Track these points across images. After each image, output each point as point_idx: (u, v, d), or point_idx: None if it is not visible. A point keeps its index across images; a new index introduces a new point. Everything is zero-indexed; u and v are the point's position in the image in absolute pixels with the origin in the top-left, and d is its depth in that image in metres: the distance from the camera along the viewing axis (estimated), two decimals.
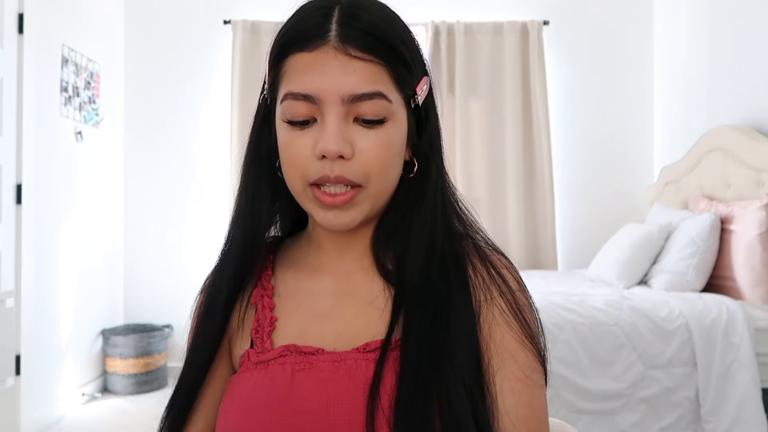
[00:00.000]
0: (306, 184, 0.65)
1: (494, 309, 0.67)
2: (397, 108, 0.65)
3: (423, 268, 0.67)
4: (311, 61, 0.62)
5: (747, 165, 2.68)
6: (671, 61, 3.62)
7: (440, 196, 0.70)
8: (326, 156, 0.62)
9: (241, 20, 3.56)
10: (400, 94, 0.65)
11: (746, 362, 2.06)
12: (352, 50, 0.61)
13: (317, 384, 0.64)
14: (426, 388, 0.60)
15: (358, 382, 0.63)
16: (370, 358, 0.64)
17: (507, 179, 3.63)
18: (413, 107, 0.67)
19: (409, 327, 0.64)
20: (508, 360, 0.65)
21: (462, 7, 3.71)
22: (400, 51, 0.64)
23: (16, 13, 2.58)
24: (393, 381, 0.62)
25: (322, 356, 0.66)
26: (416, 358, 0.62)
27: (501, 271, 0.70)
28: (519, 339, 0.66)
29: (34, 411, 2.67)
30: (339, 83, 0.61)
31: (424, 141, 0.69)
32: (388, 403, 0.60)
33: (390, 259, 0.70)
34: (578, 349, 2.06)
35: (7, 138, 2.51)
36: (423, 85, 0.67)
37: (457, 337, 0.64)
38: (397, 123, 0.65)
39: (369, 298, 0.69)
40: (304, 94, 0.62)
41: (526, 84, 3.67)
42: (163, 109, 3.67)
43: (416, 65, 0.67)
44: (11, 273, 2.53)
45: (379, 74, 0.63)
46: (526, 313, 0.68)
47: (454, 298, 0.66)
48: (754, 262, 2.36)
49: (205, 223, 3.56)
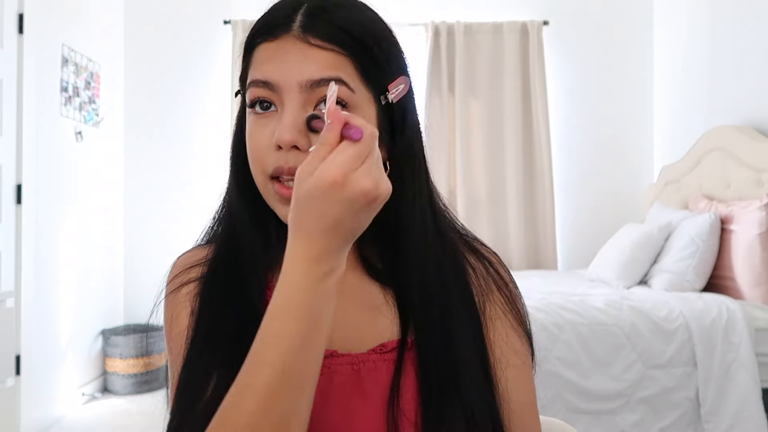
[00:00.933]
0: (266, 177, 0.62)
1: (495, 304, 0.70)
2: (361, 100, 0.62)
3: (421, 269, 0.66)
4: (273, 50, 0.62)
5: (747, 165, 2.68)
6: (671, 61, 3.62)
7: (426, 197, 0.69)
8: (281, 146, 0.60)
9: (241, 20, 3.56)
10: (367, 88, 0.63)
11: (746, 362, 2.06)
12: (312, 39, 0.61)
13: (339, 388, 0.64)
14: (449, 391, 0.62)
15: (382, 384, 0.64)
16: (389, 359, 0.65)
17: (507, 179, 3.63)
18: (384, 105, 0.64)
19: (423, 328, 0.65)
20: (510, 352, 0.68)
21: (462, 7, 3.71)
22: (366, 43, 0.62)
23: (16, 13, 2.58)
24: (413, 383, 0.63)
25: (339, 359, 0.65)
26: (434, 359, 0.63)
27: (495, 266, 0.73)
28: (517, 330, 0.70)
29: (34, 411, 2.67)
30: (297, 69, 0.60)
31: (402, 143, 0.67)
32: (412, 405, 0.62)
33: (375, 256, 0.70)
34: (578, 349, 2.06)
35: (7, 138, 2.51)
36: (399, 84, 0.64)
37: (467, 336, 0.66)
38: (362, 116, 0.60)
39: (366, 298, 0.69)
40: (264, 81, 0.61)
41: (526, 84, 3.67)
42: (163, 109, 3.67)
43: (390, 62, 0.65)
44: (11, 273, 2.53)
45: (341, 62, 0.61)
46: (518, 302, 0.72)
47: (458, 297, 0.67)
48: (754, 262, 2.36)
49: (205, 223, 3.55)
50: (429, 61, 3.61)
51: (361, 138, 0.51)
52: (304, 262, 0.52)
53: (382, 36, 0.65)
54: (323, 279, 0.52)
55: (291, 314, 0.52)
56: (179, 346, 0.66)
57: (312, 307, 0.52)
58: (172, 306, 0.70)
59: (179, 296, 0.70)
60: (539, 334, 2.01)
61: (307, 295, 0.52)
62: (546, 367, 2.04)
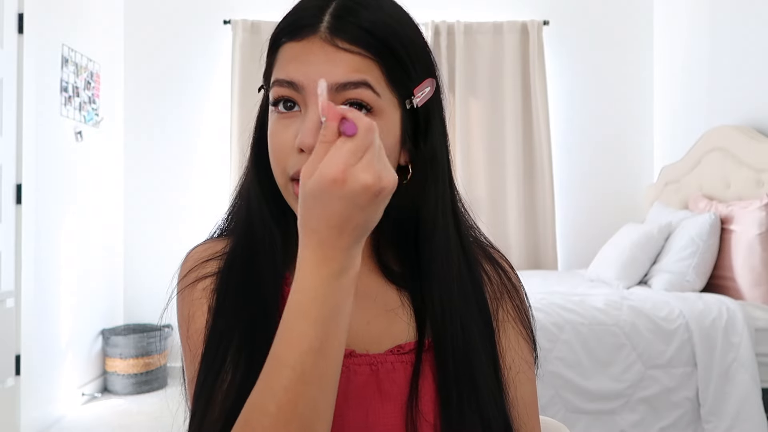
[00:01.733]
0: (287, 178, 0.62)
1: (507, 310, 0.71)
2: (386, 105, 0.62)
3: (443, 275, 0.66)
4: (299, 51, 0.61)
5: (747, 165, 2.68)
6: (671, 61, 3.62)
7: (449, 204, 0.69)
8: (303, 149, 0.59)
9: (241, 20, 3.56)
10: (393, 93, 0.62)
11: (746, 362, 2.06)
12: (339, 42, 0.60)
13: (358, 388, 0.64)
14: (467, 394, 0.63)
15: (400, 385, 0.64)
16: (406, 360, 0.66)
17: (507, 179, 3.63)
18: (409, 109, 0.64)
19: (442, 331, 0.65)
20: (517, 356, 0.70)
21: (462, 7, 3.71)
22: (393, 47, 0.62)
23: (16, 13, 2.58)
24: (431, 385, 0.64)
25: (357, 359, 0.65)
26: (453, 362, 0.64)
27: (507, 272, 0.74)
28: (524, 335, 0.72)
29: (34, 411, 2.67)
30: (323, 72, 0.59)
31: (425, 148, 0.66)
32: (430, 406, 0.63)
33: (392, 259, 0.70)
34: (578, 349, 2.06)
35: (7, 138, 2.51)
36: (425, 87, 0.64)
37: (482, 341, 0.66)
38: (386, 121, 0.62)
39: (382, 300, 0.69)
40: (288, 81, 0.61)
41: (526, 84, 3.67)
42: (163, 109, 3.67)
43: (417, 65, 0.64)
44: (11, 273, 2.53)
45: (367, 66, 0.60)
46: (526, 309, 0.73)
47: (474, 302, 0.68)
48: (754, 262, 2.36)
49: (205, 222, 3.55)
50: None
51: (356, 132, 0.51)
52: (316, 261, 0.52)
53: (409, 38, 0.64)
54: (336, 277, 0.52)
55: (307, 314, 0.52)
56: (198, 343, 0.65)
57: (328, 307, 0.52)
58: (188, 302, 0.68)
59: (195, 292, 0.68)
60: (539, 334, 2.01)
61: (322, 295, 0.52)
62: (546, 367, 2.04)
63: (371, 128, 0.51)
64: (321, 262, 0.52)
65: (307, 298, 0.52)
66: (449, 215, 0.68)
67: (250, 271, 0.66)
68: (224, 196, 3.55)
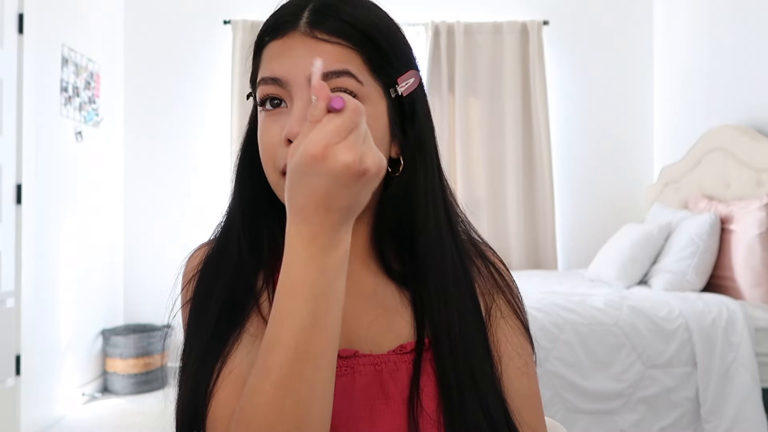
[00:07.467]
0: (278, 173, 0.62)
1: (499, 305, 0.71)
2: (370, 93, 0.62)
3: (438, 269, 0.67)
4: (281, 47, 0.63)
5: (747, 165, 2.68)
6: (671, 61, 3.62)
7: (439, 192, 0.70)
8: (291, 140, 0.59)
9: (241, 20, 3.56)
10: (377, 81, 0.63)
11: (746, 362, 2.06)
12: (319, 33, 0.61)
13: (363, 389, 0.64)
14: (468, 390, 0.63)
15: (403, 384, 0.65)
16: (409, 359, 0.66)
17: (507, 179, 3.63)
18: (394, 98, 0.65)
19: (440, 328, 0.65)
20: (511, 351, 0.69)
21: (462, 7, 3.71)
22: (373, 37, 0.63)
23: (16, 13, 2.58)
24: (432, 383, 0.65)
25: (361, 359, 0.66)
26: (452, 359, 0.64)
27: (498, 267, 0.74)
28: (519, 329, 0.71)
29: (34, 411, 2.67)
30: (305, 64, 0.60)
31: (413, 136, 0.67)
32: (433, 404, 0.63)
33: (393, 257, 0.70)
34: (578, 349, 2.06)
35: (7, 138, 2.51)
36: (409, 77, 0.65)
37: (477, 337, 0.67)
38: (373, 109, 0.62)
39: (383, 299, 0.69)
40: (272, 78, 0.62)
41: (526, 84, 3.67)
42: (163, 109, 3.67)
43: (398, 57, 0.65)
44: (11, 273, 2.53)
45: (348, 56, 0.61)
46: (519, 303, 0.73)
47: (467, 297, 0.68)
48: (754, 262, 2.36)
49: (205, 222, 3.55)
50: (429, 61, 3.61)
51: (343, 107, 0.50)
52: (302, 237, 0.52)
53: (389, 31, 0.65)
54: (324, 254, 0.52)
55: (297, 292, 0.52)
56: None
57: (317, 284, 0.52)
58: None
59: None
60: (539, 334, 2.01)
61: (310, 271, 0.52)
62: (546, 367, 2.04)
63: (358, 109, 0.51)
64: (308, 238, 0.52)
65: (296, 274, 0.52)
66: (440, 203, 0.69)
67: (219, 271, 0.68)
68: (224, 195, 3.55)
